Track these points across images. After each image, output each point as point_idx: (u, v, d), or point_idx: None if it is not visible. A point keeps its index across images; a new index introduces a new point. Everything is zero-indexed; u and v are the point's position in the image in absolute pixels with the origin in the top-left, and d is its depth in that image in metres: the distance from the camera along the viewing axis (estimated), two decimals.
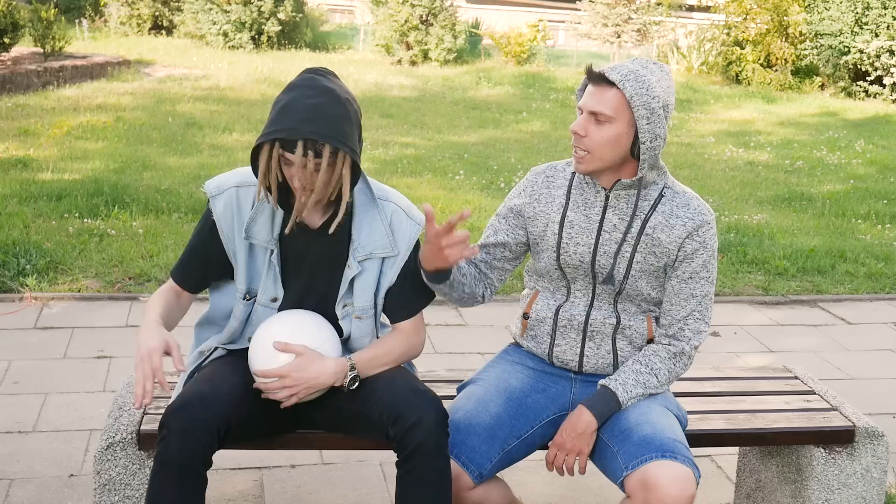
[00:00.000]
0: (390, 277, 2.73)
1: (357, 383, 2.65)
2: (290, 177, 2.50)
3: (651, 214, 2.69)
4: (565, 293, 2.83)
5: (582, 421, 2.67)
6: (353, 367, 2.64)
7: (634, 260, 2.70)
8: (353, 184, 2.55)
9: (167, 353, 2.47)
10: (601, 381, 2.73)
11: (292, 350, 2.59)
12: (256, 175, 2.55)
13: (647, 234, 2.69)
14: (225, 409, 2.52)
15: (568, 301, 2.82)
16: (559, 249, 2.76)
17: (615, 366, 2.80)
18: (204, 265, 2.73)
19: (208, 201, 2.69)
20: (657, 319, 2.80)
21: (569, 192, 2.78)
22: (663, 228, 2.68)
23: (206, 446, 2.44)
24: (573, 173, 2.79)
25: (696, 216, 2.68)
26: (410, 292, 2.78)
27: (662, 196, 2.71)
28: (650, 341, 2.79)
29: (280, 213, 2.65)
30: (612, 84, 2.57)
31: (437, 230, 2.52)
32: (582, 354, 2.81)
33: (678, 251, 2.69)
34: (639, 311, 2.78)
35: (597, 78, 2.60)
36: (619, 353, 2.79)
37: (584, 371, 2.83)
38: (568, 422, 2.70)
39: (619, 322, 2.77)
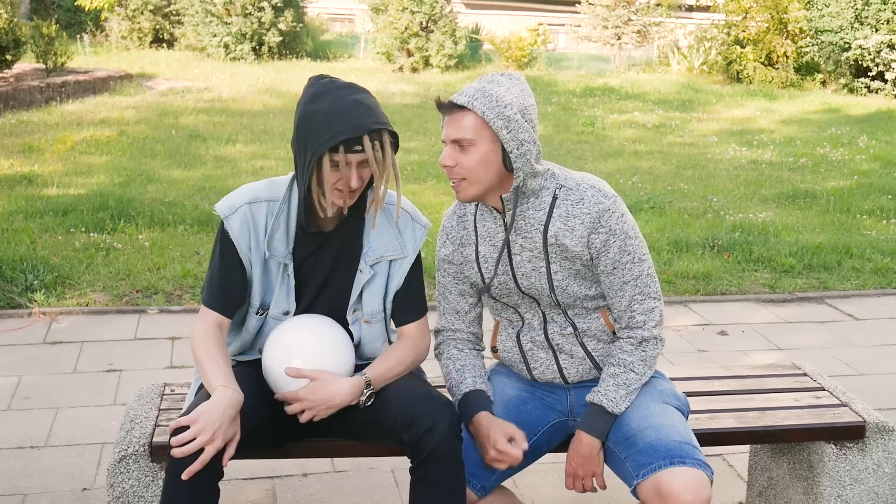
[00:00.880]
0: (397, 281, 2.76)
1: (372, 399, 2.66)
2: (345, 178, 2.54)
3: (549, 223, 2.63)
4: (519, 318, 2.82)
5: (584, 445, 2.67)
6: (368, 384, 2.65)
7: (552, 271, 2.66)
8: None
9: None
10: (587, 397, 2.71)
11: (305, 375, 2.60)
12: (302, 187, 2.60)
13: (552, 243, 2.64)
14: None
15: (524, 326, 2.81)
16: (487, 285, 2.75)
17: (597, 367, 2.79)
18: (240, 286, 2.73)
19: (222, 224, 2.70)
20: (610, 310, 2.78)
21: (475, 226, 2.76)
22: (564, 233, 2.62)
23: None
24: (476, 206, 2.77)
25: (593, 208, 2.60)
26: (415, 296, 2.81)
27: (556, 198, 2.64)
28: (613, 333, 2.76)
29: (293, 226, 2.68)
30: (462, 108, 2.55)
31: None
32: (560, 369, 2.80)
33: (588, 248, 2.63)
34: (589, 311, 2.75)
35: (447, 107, 2.58)
36: (593, 353, 2.77)
37: (570, 382, 2.83)
38: (572, 449, 2.70)
39: (576, 328, 2.75)
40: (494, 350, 2.91)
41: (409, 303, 2.80)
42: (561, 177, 2.67)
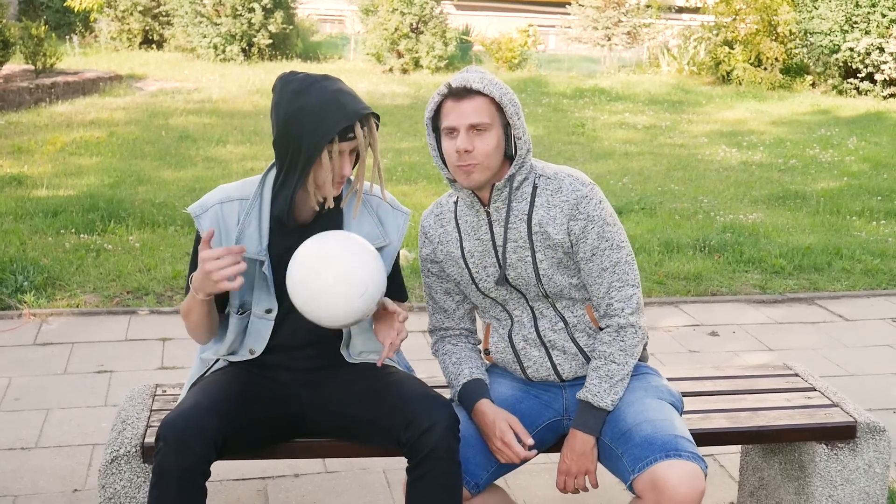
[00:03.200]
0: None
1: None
2: (337, 167, 2.58)
3: (532, 211, 2.68)
4: (507, 316, 2.84)
5: (578, 442, 2.69)
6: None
7: (537, 260, 2.69)
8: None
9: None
10: (577, 395, 2.73)
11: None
12: (293, 183, 2.60)
13: (536, 231, 2.68)
14: (221, 419, 2.53)
15: (514, 324, 2.82)
16: (475, 281, 2.78)
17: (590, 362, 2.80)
18: None
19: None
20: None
21: (456, 223, 2.79)
22: (548, 222, 2.67)
23: (202, 457, 2.45)
24: (455, 203, 2.81)
25: (571, 195, 2.65)
26: (397, 283, 2.87)
27: (536, 188, 2.69)
28: (600, 328, 2.78)
29: (266, 222, 2.68)
30: (477, 93, 2.59)
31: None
32: (554, 366, 2.81)
33: (569, 236, 2.67)
34: (576, 303, 2.77)
35: (463, 92, 2.59)
36: (584, 349, 2.79)
37: (566, 379, 2.84)
38: (567, 446, 2.71)
39: (566, 322, 2.77)
40: (487, 353, 2.92)
41: (395, 285, 2.84)
42: (538, 167, 2.72)
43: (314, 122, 2.52)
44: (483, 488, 2.67)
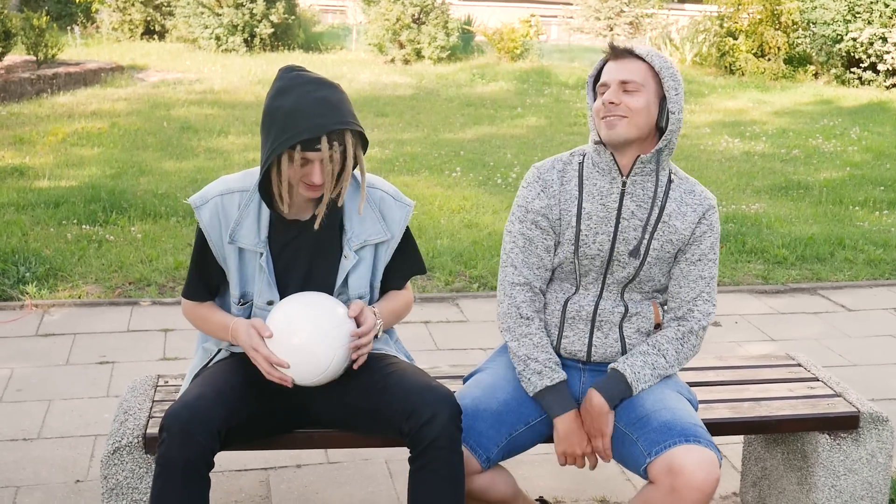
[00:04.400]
0: (385, 260, 2.78)
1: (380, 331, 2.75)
2: (308, 175, 2.53)
3: (666, 201, 2.72)
4: (574, 285, 2.83)
5: (595, 405, 2.69)
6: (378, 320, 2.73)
7: (651, 247, 2.71)
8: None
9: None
10: (611, 365, 2.74)
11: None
12: (263, 186, 2.59)
13: (665, 221, 2.71)
14: (225, 410, 2.54)
15: (577, 293, 2.82)
16: (577, 242, 2.74)
17: (624, 353, 2.81)
18: (212, 277, 2.77)
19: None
20: (662, 305, 2.81)
21: (580, 182, 2.76)
22: (677, 215, 2.72)
23: (207, 448, 2.46)
24: (580, 163, 2.78)
25: (704, 201, 2.74)
26: (401, 266, 2.86)
27: (671, 182, 2.74)
28: (657, 326, 2.80)
29: (266, 214, 2.68)
30: (638, 58, 2.64)
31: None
32: (590, 344, 2.82)
33: (690, 235, 2.73)
34: (644, 299, 2.80)
35: (623, 52, 2.66)
36: (626, 340, 2.80)
37: (593, 360, 2.84)
38: (582, 409, 2.73)
39: (626, 311, 2.78)
40: None
41: (396, 273, 2.85)
42: (672, 166, 2.78)
43: (282, 125, 2.49)
44: (493, 463, 2.67)
